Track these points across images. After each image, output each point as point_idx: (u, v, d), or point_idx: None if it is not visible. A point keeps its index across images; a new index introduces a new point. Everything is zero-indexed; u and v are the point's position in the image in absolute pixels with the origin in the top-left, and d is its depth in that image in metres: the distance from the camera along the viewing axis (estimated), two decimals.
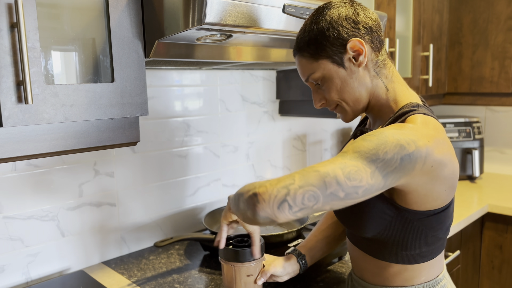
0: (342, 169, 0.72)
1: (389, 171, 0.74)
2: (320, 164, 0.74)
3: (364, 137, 0.77)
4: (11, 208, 1.16)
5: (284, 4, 0.98)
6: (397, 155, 0.73)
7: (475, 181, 2.29)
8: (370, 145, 0.74)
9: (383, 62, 0.89)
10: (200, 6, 0.83)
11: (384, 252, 0.89)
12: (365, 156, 0.73)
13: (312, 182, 0.71)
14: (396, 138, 0.74)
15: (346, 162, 0.73)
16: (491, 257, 1.97)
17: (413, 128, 0.78)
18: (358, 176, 0.72)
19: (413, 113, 0.83)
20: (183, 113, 1.52)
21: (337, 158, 0.75)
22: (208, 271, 1.25)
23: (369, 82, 0.88)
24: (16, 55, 0.77)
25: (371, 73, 0.88)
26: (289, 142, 1.94)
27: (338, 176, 0.71)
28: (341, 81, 0.87)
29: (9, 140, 0.82)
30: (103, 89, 0.91)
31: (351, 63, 0.86)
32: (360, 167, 0.72)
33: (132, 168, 1.40)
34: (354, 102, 0.89)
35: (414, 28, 1.96)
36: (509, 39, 2.07)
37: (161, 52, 0.99)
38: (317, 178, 0.71)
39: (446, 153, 0.80)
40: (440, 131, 0.82)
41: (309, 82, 0.92)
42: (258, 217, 0.72)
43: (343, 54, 0.85)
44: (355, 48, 0.85)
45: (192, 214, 1.59)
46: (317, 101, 0.93)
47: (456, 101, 2.30)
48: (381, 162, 0.73)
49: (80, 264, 1.31)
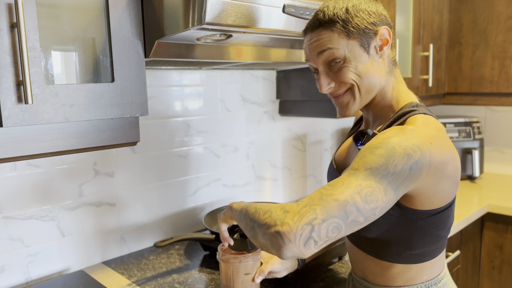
0: (359, 193, 0.71)
1: (399, 182, 0.74)
2: (335, 188, 0.72)
3: (372, 150, 0.76)
4: (11, 208, 1.16)
5: (284, 4, 0.98)
6: (406, 165, 0.74)
7: (475, 181, 2.29)
8: (380, 160, 0.74)
9: (394, 61, 0.91)
10: (200, 6, 0.83)
11: (387, 252, 0.89)
12: (376, 173, 0.73)
13: (334, 213, 0.70)
14: (403, 147, 0.74)
15: (360, 183, 0.72)
16: (491, 257, 1.97)
17: (414, 131, 0.78)
18: (374, 197, 0.71)
19: (414, 113, 0.84)
20: (183, 113, 1.52)
21: (350, 179, 0.73)
22: (208, 271, 1.25)
23: (383, 76, 0.88)
24: (16, 55, 0.77)
25: (386, 68, 0.89)
26: (289, 142, 1.94)
27: (357, 202, 0.70)
28: (363, 65, 0.86)
29: (9, 140, 0.82)
30: (103, 89, 0.91)
31: (375, 51, 0.86)
32: (374, 186, 0.72)
33: (132, 168, 1.40)
34: (366, 91, 0.88)
35: (414, 28, 1.96)
36: (509, 39, 2.07)
37: (161, 52, 0.99)
38: (338, 208, 0.70)
39: (447, 151, 0.80)
40: (441, 129, 0.82)
41: (320, 60, 0.87)
42: (285, 256, 0.71)
43: (372, 40, 0.85)
44: (383, 36, 0.85)
45: (192, 214, 1.59)
46: (326, 84, 0.88)
47: (456, 101, 2.30)
48: (392, 176, 0.73)
49: (80, 264, 1.31)
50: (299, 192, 2.03)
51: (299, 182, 2.02)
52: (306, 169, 2.05)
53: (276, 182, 1.90)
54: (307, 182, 2.06)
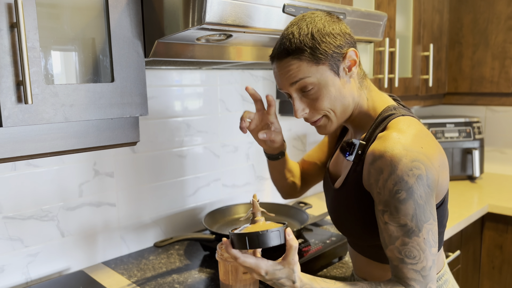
0: (431, 245, 0.78)
1: (432, 201, 0.79)
2: (416, 258, 0.77)
3: (395, 197, 0.77)
4: (11, 208, 1.16)
5: (284, 4, 0.98)
6: (424, 186, 0.78)
7: (475, 181, 2.29)
8: (410, 205, 0.77)
9: (363, 74, 0.92)
10: (200, 6, 0.83)
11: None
12: (420, 216, 0.77)
13: (433, 276, 0.79)
14: (410, 173, 0.77)
15: (424, 237, 0.77)
16: (491, 257, 1.97)
17: (400, 139, 0.79)
18: (436, 234, 0.79)
19: (393, 117, 0.86)
20: (183, 113, 1.52)
21: (415, 240, 0.77)
22: (208, 271, 1.24)
23: (356, 93, 0.89)
24: (16, 55, 0.77)
25: (357, 84, 0.90)
26: (289, 142, 1.94)
27: (434, 252, 0.79)
28: (335, 90, 0.86)
29: (9, 140, 0.81)
30: (103, 89, 0.90)
31: (344, 73, 0.87)
32: (432, 226, 0.78)
33: (132, 168, 1.40)
34: (341, 113, 0.89)
35: (414, 28, 1.95)
36: (509, 39, 2.07)
37: (161, 52, 0.99)
38: (434, 270, 0.79)
39: (434, 144, 0.84)
40: (421, 126, 0.85)
41: (293, 89, 0.87)
42: None
43: (340, 63, 0.86)
44: (351, 58, 0.86)
45: (192, 214, 1.59)
46: (301, 110, 0.88)
47: (456, 101, 2.30)
48: (426, 205, 0.78)
49: (80, 264, 1.31)
50: None
51: None
52: None
53: None
54: None
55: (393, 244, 0.78)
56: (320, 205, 1.91)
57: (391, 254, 0.79)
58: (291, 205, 1.54)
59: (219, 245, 1.02)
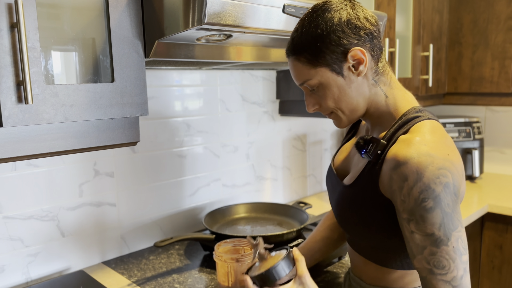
0: (462, 254, 0.76)
1: (458, 209, 0.77)
2: (448, 269, 0.75)
3: (421, 205, 0.75)
4: (11, 208, 1.16)
5: (284, 4, 0.98)
6: (451, 194, 0.75)
7: (475, 181, 2.29)
8: (438, 213, 0.75)
9: (382, 69, 0.87)
10: (200, 6, 0.83)
11: (387, 259, 0.89)
12: (448, 225, 0.75)
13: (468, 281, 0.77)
14: (437, 181, 0.74)
15: (454, 245, 0.75)
16: (491, 257, 1.97)
17: (426, 144, 0.77)
18: (465, 241, 0.77)
19: (418, 120, 0.82)
20: (183, 113, 1.52)
21: (443, 249, 0.75)
22: (208, 271, 1.25)
23: (367, 91, 0.86)
24: (16, 55, 0.77)
25: (370, 81, 0.85)
26: (289, 142, 1.94)
27: (466, 259, 0.77)
28: (339, 89, 0.84)
29: (9, 140, 0.82)
30: (103, 89, 0.91)
31: (350, 72, 0.83)
32: (461, 233, 0.76)
33: (132, 168, 1.40)
34: (350, 111, 0.87)
35: (414, 28, 1.96)
36: (509, 39, 2.07)
37: (161, 52, 0.99)
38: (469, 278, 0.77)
39: (459, 158, 0.81)
40: (446, 135, 0.82)
41: (303, 87, 0.88)
42: None
43: (343, 63, 0.82)
44: (356, 57, 0.82)
45: (192, 214, 1.59)
46: (311, 106, 0.89)
47: (456, 101, 2.30)
48: (453, 213, 0.76)
49: (80, 264, 1.31)
50: (299, 192, 2.03)
51: (299, 182, 2.02)
52: (306, 169, 2.05)
53: (276, 182, 1.90)
54: (307, 182, 2.06)
55: (421, 254, 0.76)
56: (320, 205, 1.91)
57: (419, 264, 0.77)
58: (291, 205, 1.54)
59: (216, 246, 1.02)
